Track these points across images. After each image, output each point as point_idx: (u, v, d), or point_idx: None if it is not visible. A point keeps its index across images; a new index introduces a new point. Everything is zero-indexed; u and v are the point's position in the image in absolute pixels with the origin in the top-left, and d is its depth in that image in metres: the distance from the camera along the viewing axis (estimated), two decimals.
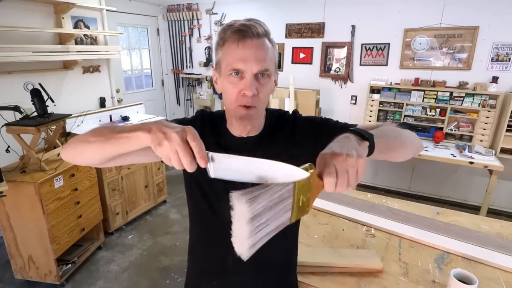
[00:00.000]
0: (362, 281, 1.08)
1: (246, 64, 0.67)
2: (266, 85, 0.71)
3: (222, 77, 0.72)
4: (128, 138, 0.55)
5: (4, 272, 2.39)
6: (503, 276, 1.10)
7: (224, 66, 0.70)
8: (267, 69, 0.69)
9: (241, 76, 0.69)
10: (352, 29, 3.56)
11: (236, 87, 0.69)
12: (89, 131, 0.64)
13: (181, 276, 2.39)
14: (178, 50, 4.78)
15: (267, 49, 0.70)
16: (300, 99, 3.60)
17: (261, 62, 0.68)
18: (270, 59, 0.70)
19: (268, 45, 0.70)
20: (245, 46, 0.67)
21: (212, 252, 0.86)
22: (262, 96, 0.71)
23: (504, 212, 3.31)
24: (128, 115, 3.24)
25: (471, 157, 2.80)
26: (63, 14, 2.77)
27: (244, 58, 0.67)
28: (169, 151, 0.50)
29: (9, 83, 2.47)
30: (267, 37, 0.71)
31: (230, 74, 0.69)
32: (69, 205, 2.25)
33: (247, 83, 0.68)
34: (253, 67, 0.67)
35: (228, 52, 0.69)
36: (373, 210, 1.54)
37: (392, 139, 0.70)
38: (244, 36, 0.67)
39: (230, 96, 0.71)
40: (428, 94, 3.25)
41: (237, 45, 0.67)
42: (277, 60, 0.77)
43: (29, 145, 2.07)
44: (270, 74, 0.71)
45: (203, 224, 0.88)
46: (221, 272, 0.86)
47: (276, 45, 0.75)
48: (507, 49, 2.95)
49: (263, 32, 0.69)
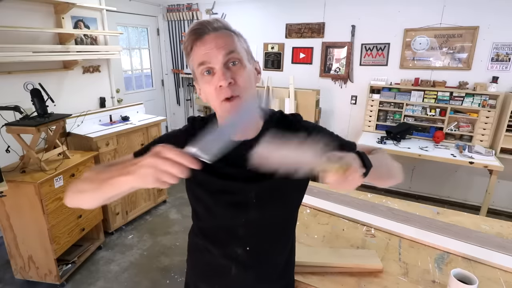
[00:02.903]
0: (362, 281, 1.07)
1: (210, 56, 0.67)
2: (240, 70, 0.68)
3: (199, 83, 0.72)
4: (113, 185, 0.60)
5: (4, 272, 2.39)
6: (503, 276, 1.10)
7: (196, 69, 0.70)
8: (232, 50, 0.67)
9: (212, 73, 0.68)
10: (352, 29, 3.56)
11: (211, 83, 0.68)
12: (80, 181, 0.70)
13: (181, 276, 2.39)
14: (178, 50, 4.78)
15: (228, 36, 0.69)
16: (300, 99, 3.60)
17: (224, 47, 0.67)
18: (235, 43, 0.69)
19: (228, 33, 0.70)
20: (204, 42, 0.67)
21: (214, 258, 0.86)
22: (241, 83, 0.68)
23: (504, 212, 3.31)
24: (128, 115, 3.24)
25: (471, 157, 2.80)
26: (63, 14, 2.77)
27: (206, 52, 0.67)
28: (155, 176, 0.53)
29: (9, 83, 2.47)
30: (227, 29, 0.70)
31: (202, 74, 0.69)
32: None
33: (219, 74, 0.67)
34: (217, 55, 0.66)
35: (193, 55, 0.70)
36: (373, 210, 1.54)
37: (384, 171, 0.77)
38: (200, 34, 0.68)
39: (211, 95, 0.70)
40: (428, 94, 3.25)
41: (196, 45, 0.68)
42: (249, 48, 0.75)
43: (29, 145, 2.07)
44: (241, 59, 0.69)
45: (203, 229, 0.87)
46: (222, 277, 0.85)
47: (242, 36, 0.74)
48: (507, 49, 2.95)
49: (220, 26, 0.69)
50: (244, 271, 0.82)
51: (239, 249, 0.80)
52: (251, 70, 0.73)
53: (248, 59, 0.72)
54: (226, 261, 0.82)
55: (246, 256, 0.80)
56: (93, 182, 0.65)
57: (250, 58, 0.74)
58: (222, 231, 0.81)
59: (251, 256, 0.81)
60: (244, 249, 0.80)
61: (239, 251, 0.80)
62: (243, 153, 0.78)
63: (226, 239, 0.81)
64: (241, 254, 0.80)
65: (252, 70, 0.73)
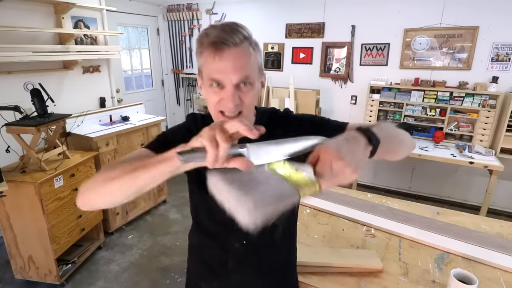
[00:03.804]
0: (362, 281, 1.08)
1: (225, 76, 0.65)
2: (249, 92, 0.68)
3: (204, 85, 0.71)
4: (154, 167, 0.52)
5: (4, 272, 2.39)
6: (503, 276, 1.10)
7: (205, 76, 0.69)
8: (247, 76, 0.66)
9: (221, 86, 0.66)
10: (352, 29, 3.56)
11: (218, 95, 0.67)
12: (102, 172, 0.60)
13: (181, 276, 2.39)
14: (178, 50, 4.78)
15: (247, 56, 0.66)
16: (300, 99, 3.60)
17: (240, 71, 0.65)
18: (252, 65, 0.67)
19: (248, 51, 0.67)
20: (222, 58, 0.64)
21: (212, 253, 0.86)
22: (247, 102, 0.68)
23: (504, 212, 3.31)
24: (128, 115, 3.24)
25: (471, 157, 2.80)
26: (63, 14, 2.77)
27: (222, 70, 0.64)
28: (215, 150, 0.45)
29: (9, 83, 2.47)
30: (247, 41, 0.67)
31: (211, 85, 0.67)
32: (69, 205, 2.25)
33: (228, 95, 0.65)
34: (232, 78, 0.65)
35: (206, 63, 0.67)
36: (373, 210, 1.54)
37: (393, 141, 0.69)
38: (220, 49, 0.63)
39: (212, 103, 0.69)
40: (428, 94, 3.25)
41: (213, 58, 0.64)
42: (261, 62, 0.74)
43: (29, 145, 2.07)
44: (253, 81, 0.68)
45: (202, 225, 0.88)
46: (221, 273, 0.86)
47: (258, 46, 0.71)
48: (507, 49, 2.95)
49: (241, 38, 0.65)
50: (241, 266, 0.83)
51: (236, 243, 0.81)
52: (258, 89, 0.73)
53: (258, 77, 0.71)
54: (224, 254, 0.83)
55: (243, 250, 0.81)
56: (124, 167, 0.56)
57: (260, 75, 0.73)
58: (220, 226, 0.82)
59: (248, 250, 0.82)
60: (241, 243, 0.81)
61: (236, 245, 0.81)
62: None
63: (224, 234, 0.82)
64: (238, 248, 0.81)
65: (259, 88, 0.73)
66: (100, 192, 0.59)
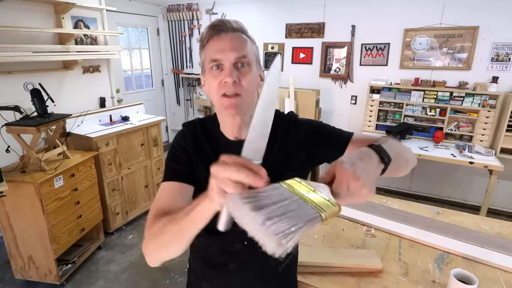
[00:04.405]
0: (362, 281, 1.07)
1: (223, 54, 0.70)
2: (247, 73, 0.72)
3: (206, 75, 0.75)
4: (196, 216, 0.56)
5: (4, 272, 2.39)
6: (503, 276, 1.10)
7: (206, 63, 0.73)
8: (244, 55, 0.71)
9: (221, 68, 0.71)
10: (352, 29, 3.56)
11: (217, 78, 0.71)
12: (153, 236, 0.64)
13: (181, 276, 2.39)
14: (178, 50, 4.78)
15: (243, 41, 0.72)
16: (300, 99, 3.59)
17: (237, 50, 0.70)
18: (248, 50, 0.73)
19: (244, 37, 0.73)
20: (221, 38, 0.71)
21: (213, 253, 0.86)
22: (245, 84, 0.71)
23: (504, 212, 3.31)
24: (128, 115, 3.24)
25: (471, 157, 2.80)
26: (63, 14, 2.77)
27: (221, 49, 0.70)
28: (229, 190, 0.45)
29: (9, 83, 2.47)
30: (243, 32, 0.74)
31: (211, 68, 0.72)
32: (69, 205, 2.25)
33: (227, 72, 0.70)
34: (230, 56, 0.69)
35: (207, 49, 0.73)
36: (373, 210, 1.54)
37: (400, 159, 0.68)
38: (219, 31, 0.71)
39: (213, 88, 0.72)
40: (428, 94, 3.25)
41: (213, 39, 0.71)
42: (258, 55, 0.79)
43: (29, 145, 2.07)
44: (250, 62, 0.72)
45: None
46: (222, 273, 0.86)
47: (255, 41, 0.78)
48: (507, 49, 2.95)
49: (238, 27, 0.73)
50: (242, 267, 0.83)
51: (238, 244, 0.81)
52: (256, 75, 0.76)
53: (256, 65, 0.76)
54: (225, 256, 0.83)
55: (244, 251, 0.81)
56: (170, 230, 0.60)
57: (257, 65, 0.77)
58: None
59: (249, 251, 0.81)
60: (242, 244, 0.81)
61: (237, 246, 0.81)
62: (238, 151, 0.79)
63: (225, 235, 0.82)
64: (239, 249, 0.81)
65: (257, 75, 0.76)
66: (162, 255, 0.65)
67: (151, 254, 0.66)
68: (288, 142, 0.81)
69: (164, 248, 0.64)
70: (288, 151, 0.80)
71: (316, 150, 0.81)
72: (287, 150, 0.80)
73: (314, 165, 0.87)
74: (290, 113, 0.87)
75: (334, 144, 0.79)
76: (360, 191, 0.47)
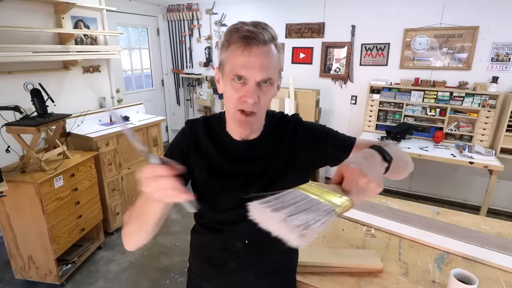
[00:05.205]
0: (362, 281, 1.07)
1: (250, 72, 0.66)
2: (268, 92, 0.71)
3: (225, 80, 0.72)
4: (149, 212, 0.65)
5: (4, 272, 2.39)
6: (503, 276, 1.10)
7: (228, 70, 0.69)
8: (270, 77, 0.68)
9: (243, 82, 0.68)
10: (352, 29, 3.56)
11: (238, 92, 0.69)
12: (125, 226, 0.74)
13: (181, 276, 2.39)
14: (178, 50, 4.78)
15: (272, 57, 0.69)
16: (300, 99, 3.59)
17: (265, 70, 0.67)
18: (275, 66, 0.70)
19: (274, 51, 0.69)
20: (250, 54, 0.66)
21: (213, 252, 0.86)
22: (263, 103, 0.71)
23: (504, 212, 3.31)
24: (128, 115, 3.24)
25: (471, 157, 2.80)
26: (63, 14, 2.77)
27: (248, 66, 0.66)
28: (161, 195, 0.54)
29: (9, 83, 2.47)
30: (273, 42, 0.69)
31: (233, 79, 0.68)
32: (69, 205, 2.25)
33: (249, 91, 0.67)
34: (256, 75, 0.67)
35: (232, 57, 0.68)
36: (373, 210, 1.54)
37: (400, 161, 0.72)
38: (249, 43, 0.66)
39: (231, 100, 0.71)
40: (428, 94, 3.25)
41: (242, 52, 0.66)
42: (282, 65, 0.77)
43: (29, 145, 2.07)
44: (273, 82, 0.71)
45: (204, 223, 0.88)
46: (222, 272, 0.86)
47: (281, 49, 0.74)
48: (507, 49, 2.95)
49: (269, 38, 0.68)
50: (242, 266, 0.83)
51: (238, 243, 0.82)
52: (275, 90, 0.75)
53: (277, 79, 0.74)
54: (225, 255, 0.83)
55: (244, 250, 0.82)
56: (133, 221, 0.70)
57: (278, 77, 0.75)
58: (223, 226, 0.82)
59: (249, 250, 0.82)
60: (243, 243, 0.81)
61: (238, 245, 0.82)
62: (243, 152, 0.81)
63: (226, 234, 0.82)
64: (240, 248, 0.82)
65: (275, 88, 0.75)
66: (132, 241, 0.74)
67: (125, 239, 0.74)
68: (293, 144, 0.81)
69: (131, 235, 0.73)
70: (292, 152, 0.81)
71: (319, 153, 0.82)
72: (292, 152, 0.81)
73: (316, 167, 0.87)
74: (296, 116, 0.87)
75: (340, 147, 0.80)
76: (368, 186, 0.51)
